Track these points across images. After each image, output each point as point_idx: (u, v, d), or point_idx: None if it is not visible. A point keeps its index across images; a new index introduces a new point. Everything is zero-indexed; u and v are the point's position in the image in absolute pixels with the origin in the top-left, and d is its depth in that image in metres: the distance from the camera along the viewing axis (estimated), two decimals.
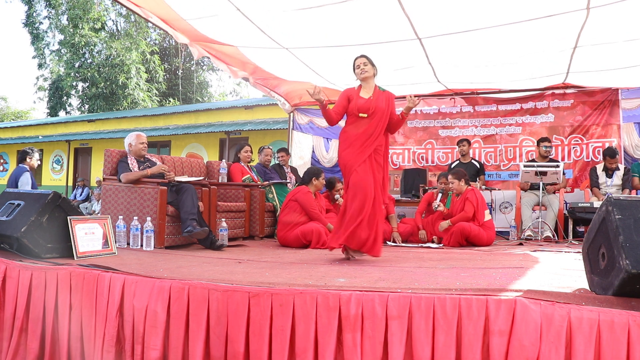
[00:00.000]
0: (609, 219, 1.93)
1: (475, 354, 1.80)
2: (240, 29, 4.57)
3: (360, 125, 3.41)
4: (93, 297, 2.38)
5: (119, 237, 3.65)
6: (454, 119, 7.05)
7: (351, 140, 3.40)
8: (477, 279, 2.37)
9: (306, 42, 4.91)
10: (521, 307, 1.80)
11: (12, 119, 30.29)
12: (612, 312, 1.72)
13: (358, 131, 3.40)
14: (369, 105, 3.41)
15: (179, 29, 4.75)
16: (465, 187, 4.93)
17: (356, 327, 1.92)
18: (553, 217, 5.41)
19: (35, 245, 2.85)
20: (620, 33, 4.42)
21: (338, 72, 5.78)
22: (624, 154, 6.10)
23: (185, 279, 2.27)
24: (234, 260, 3.21)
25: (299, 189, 4.57)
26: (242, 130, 12.34)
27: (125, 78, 21.35)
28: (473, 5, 4.02)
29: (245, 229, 5.00)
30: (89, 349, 2.32)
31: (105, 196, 4.22)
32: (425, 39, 4.68)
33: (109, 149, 4.35)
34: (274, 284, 2.15)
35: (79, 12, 21.30)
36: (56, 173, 16.82)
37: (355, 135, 3.40)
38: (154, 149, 14.12)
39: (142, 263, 2.89)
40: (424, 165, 7.02)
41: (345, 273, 2.63)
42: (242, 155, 5.52)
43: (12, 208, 3.02)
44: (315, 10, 4.07)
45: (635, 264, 1.76)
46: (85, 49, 22.31)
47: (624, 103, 6.15)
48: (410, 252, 4.12)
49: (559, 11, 4.02)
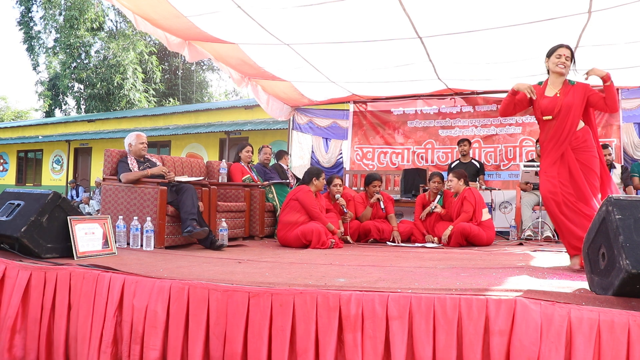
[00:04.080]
0: (609, 219, 1.93)
1: (476, 353, 1.80)
2: (241, 26, 4.57)
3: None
4: (93, 297, 2.38)
5: (119, 237, 3.64)
6: (454, 119, 7.05)
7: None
8: (477, 279, 2.37)
9: (307, 39, 4.92)
10: (521, 307, 1.80)
11: (12, 119, 30.29)
12: (612, 312, 1.72)
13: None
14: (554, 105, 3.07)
15: (174, 29, 4.75)
16: (464, 187, 4.94)
17: (357, 327, 1.92)
18: None
19: (35, 245, 2.85)
20: (621, 35, 4.44)
21: (339, 69, 5.80)
22: (624, 154, 6.10)
23: (185, 279, 2.27)
24: (234, 260, 3.21)
25: (300, 188, 4.57)
26: (242, 130, 12.35)
27: (122, 79, 21.33)
28: (475, 7, 4.03)
29: (245, 229, 5.00)
30: (86, 349, 2.31)
31: (105, 196, 4.22)
32: (426, 37, 4.68)
33: (109, 149, 4.35)
34: (274, 284, 2.15)
35: (74, 14, 21.28)
36: (56, 173, 16.82)
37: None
38: (154, 149, 14.12)
39: (142, 263, 2.89)
40: (424, 165, 7.02)
41: (345, 273, 2.63)
42: (242, 155, 5.52)
43: (12, 208, 3.02)
44: (315, 8, 4.07)
45: (635, 264, 1.76)
46: (82, 50, 22.29)
47: (624, 103, 6.14)
48: (410, 252, 4.12)
49: (561, 14, 4.04)
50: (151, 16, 4.49)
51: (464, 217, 4.75)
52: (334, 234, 4.45)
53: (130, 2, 4.26)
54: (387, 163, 7.32)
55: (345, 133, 7.57)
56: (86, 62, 22.84)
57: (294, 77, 6.30)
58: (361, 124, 7.47)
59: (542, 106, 3.12)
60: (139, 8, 4.36)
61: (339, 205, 4.93)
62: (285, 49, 5.16)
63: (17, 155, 18.05)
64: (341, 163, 7.63)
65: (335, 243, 4.35)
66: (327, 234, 4.34)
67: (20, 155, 18.03)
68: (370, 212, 5.11)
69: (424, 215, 5.12)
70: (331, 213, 4.80)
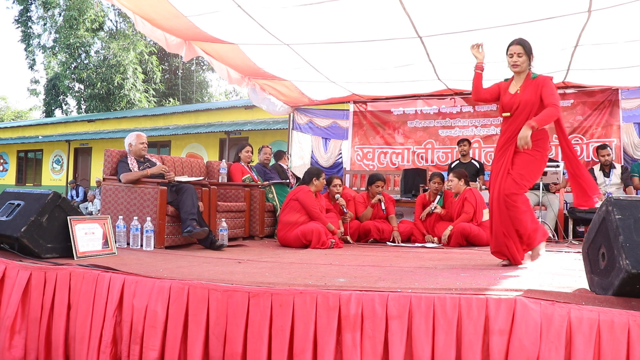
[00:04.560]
0: (609, 219, 1.93)
1: (476, 353, 1.80)
2: (241, 26, 4.57)
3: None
4: (92, 297, 2.38)
5: (119, 237, 3.64)
6: (454, 119, 7.04)
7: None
8: (477, 279, 2.37)
9: (307, 39, 4.91)
10: (521, 306, 1.80)
11: (12, 119, 30.29)
12: (612, 312, 1.72)
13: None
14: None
15: (174, 29, 4.74)
16: (464, 187, 4.93)
17: (356, 326, 1.92)
18: (553, 217, 5.41)
19: (35, 245, 2.85)
20: (621, 34, 4.44)
21: (339, 69, 5.80)
22: (624, 154, 6.10)
23: (185, 279, 2.27)
24: (234, 260, 3.21)
25: (300, 188, 4.57)
26: (242, 130, 12.35)
27: (122, 79, 21.33)
28: (475, 6, 4.03)
29: (245, 229, 5.00)
30: (86, 349, 2.31)
31: (105, 196, 4.22)
32: (426, 37, 4.68)
33: (109, 149, 4.35)
34: (274, 284, 2.15)
35: (74, 14, 21.28)
36: (56, 173, 16.82)
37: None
38: (154, 149, 14.12)
39: (142, 263, 2.89)
40: (424, 165, 7.02)
41: (345, 273, 2.63)
42: (242, 155, 5.52)
43: (12, 208, 3.02)
44: (315, 7, 4.07)
45: (635, 264, 1.76)
46: (82, 50, 22.29)
47: (624, 103, 6.14)
48: (410, 252, 4.12)
49: (561, 13, 4.04)
50: (151, 16, 4.49)
51: (465, 218, 4.75)
52: (334, 234, 4.45)
53: (130, 2, 4.26)
54: (387, 163, 7.32)
55: (345, 133, 7.57)
56: (86, 62, 22.84)
57: (294, 77, 6.29)
58: (361, 124, 7.47)
59: (502, 103, 3.08)
60: (139, 8, 4.36)
61: (339, 205, 4.93)
62: (285, 49, 5.16)
63: (17, 155, 18.05)
64: (340, 163, 7.62)
65: (335, 243, 4.35)
66: (327, 234, 4.34)
67: (20, 155, 18.04)
68: (370, 212, 5.11)
69: (424, 216, 5.12)
70: (331, 213, 4.80)
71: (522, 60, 2.99)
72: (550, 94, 2.92)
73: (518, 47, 3.00)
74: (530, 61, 3.03)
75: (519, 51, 2.99)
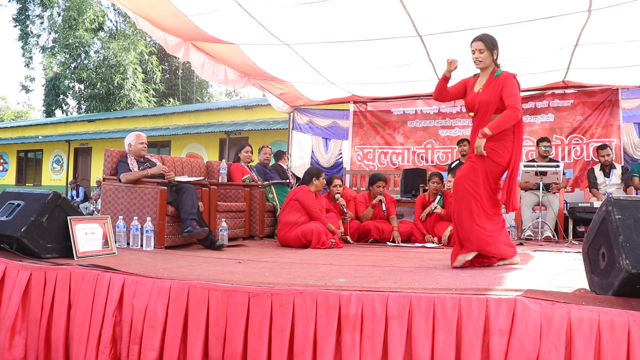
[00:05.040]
0: (609, 219, 1.93)
1: (475, 353, 1.80)
2: (241, 25, 4.56)
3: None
4: (92, 297, 2.38)
5: (119, 237, 3.64)
6: (454, 119, 7.05)
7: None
8: (477, 279, 2.37)
9: (307, 38, 4.92)
10: (521, 306, 1.80)
11: (12, 119, 30.29)
12: (612, 312, 1.72)
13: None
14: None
15: (174, 29, 4.74)
16: None
17: (355, 327, 1.92)
18: (553, 217, 5.41)
19: (35, 245, 2.85)
20: (621, 33, 4.44)
21: (339, 69, 5.79)
22: (624, 154, 6.10)
23: (185, 279, 2.27)
24: (234, 260, 3.21)
25: (300, 188, 4.57)
26: (242, 130, 12.35)
27: (122, 79, 21.32)
28: (475, 5, 4.03)
29: (245, 229, 5.00)
30: (85, 349, 2.31)
31: (105, 196, 4.22)
32: (426, 36, 4.68)
33: (108, 149, 4.35)
34: (274, 284, 2.15)
35: (73, 14, 21.27)
36: (56, 173, 16.82)
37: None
38: (154, 149, 14.12)
39: (142, 263, 2.89)
40: (424, 165, 7.02)
41: (345, 273, 2.63)
42: (242, 155, 5.52)
43: (12, 208, 3.02)
44: (315, 6, 4.07)
45: (635, 264, 1.76)
46: (81, 50, 22.28)
47: (624, 103, 6.14)
48: (410, 252, 4.12)
49: (561, 13, 4.04)
50: (151, 15, 4.48)
51: None
52: (334, 234, 4.45)
53: (130, 2, 4.26)
54: (387, 163, 7.32)
55: (345, 133, 7.57)
56: (86, 62, 22.83)
57: (294, 78, 6.29)
58: (361, 124, 7.47)
59: (466, 102, 3.00)
60: (139, 7, 4.36)
61: (339, 206, 4.93)
62: (285, 49, 5.16)
63: (17, 155, 18.05)
64: (341, 163, 7.63)
65: (335, 243, 4.35)
66: (327, 234, 4.34)
67: (20, 155, 18.03)
68: (371, 212, 5.11)
69: (424, 216, 5.12)
70: (331, 213, 4.80)
71: (485, 57, 2.90)
72: (510, 94, 2.81)
73: (479, 43, 2.91)
74: (494, 57, 2.93)
75: (480, 47, 2.90)
